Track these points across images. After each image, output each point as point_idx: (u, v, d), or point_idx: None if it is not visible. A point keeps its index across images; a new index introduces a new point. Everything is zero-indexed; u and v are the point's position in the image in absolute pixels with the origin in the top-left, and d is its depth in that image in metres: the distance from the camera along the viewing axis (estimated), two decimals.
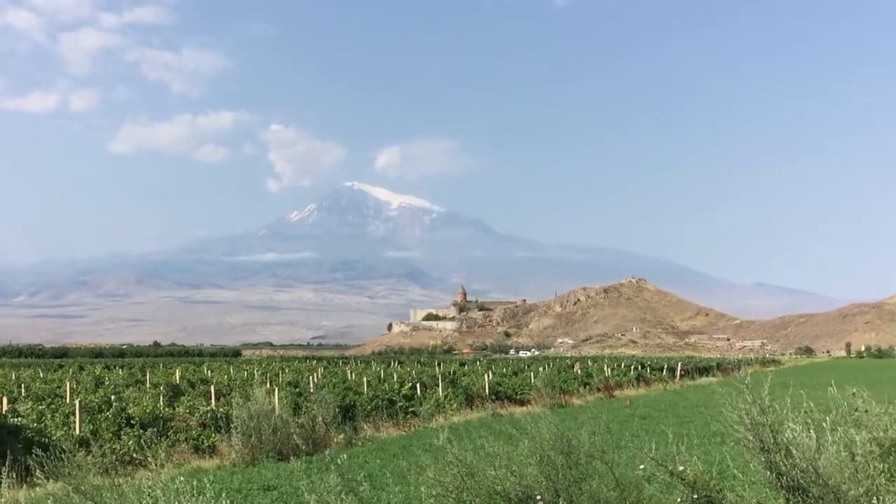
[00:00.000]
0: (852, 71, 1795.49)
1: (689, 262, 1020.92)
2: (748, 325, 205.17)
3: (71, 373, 40.17)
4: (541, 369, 36.54)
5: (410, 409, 19.42)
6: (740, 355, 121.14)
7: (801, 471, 5.70)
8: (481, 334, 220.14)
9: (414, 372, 34.83)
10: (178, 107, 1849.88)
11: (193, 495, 5.40)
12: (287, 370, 40.99)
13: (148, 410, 14.45)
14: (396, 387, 22.21)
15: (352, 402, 17.76)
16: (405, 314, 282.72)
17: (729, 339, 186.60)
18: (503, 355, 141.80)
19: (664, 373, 42.38)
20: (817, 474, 5.59)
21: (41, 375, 37.09)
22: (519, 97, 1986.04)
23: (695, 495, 6.08)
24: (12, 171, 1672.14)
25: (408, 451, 13.42)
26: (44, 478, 7.28)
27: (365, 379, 24.24)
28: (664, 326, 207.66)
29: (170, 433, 13.74)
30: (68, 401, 16.93)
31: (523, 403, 24.21)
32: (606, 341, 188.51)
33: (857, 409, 5.97)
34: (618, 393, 29.92)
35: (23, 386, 25.55)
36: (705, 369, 50.80)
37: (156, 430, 13.26)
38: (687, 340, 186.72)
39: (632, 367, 43.95)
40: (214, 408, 15.90)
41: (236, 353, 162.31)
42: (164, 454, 10.80)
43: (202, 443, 13.94)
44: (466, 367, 47.41)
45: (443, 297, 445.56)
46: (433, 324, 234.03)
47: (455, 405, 21.35)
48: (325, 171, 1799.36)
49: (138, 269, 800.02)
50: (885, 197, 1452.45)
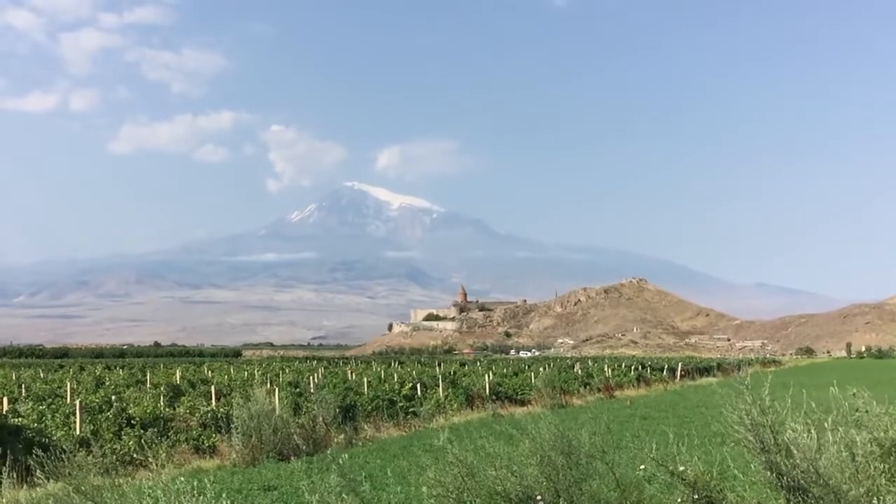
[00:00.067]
0: (852, 71, 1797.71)
1: (690, 263, 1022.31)
2: (748, 326, 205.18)
3: (71, 373, 40.19)
4: (541, 370, 36.55)
5: (411, 409, 19.42)
6: (741, 356, 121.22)
7: (801, 471, 5.70)
8: (482, 334, 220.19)
9: (414, 372, 34.84)
10: (178, 107, 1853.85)
11: (194, 495, 5.40)
12: (287, 370, 41.01)
13: (148, 411, 14.45)
14: (397, 387, 22.21)
15: (352, 403, 17.77)
16: (405, 314, 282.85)
17: (729, 340, 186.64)
18: (503, 355, 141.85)
19: (664, 373, 42.39)
20: (818, 474, 5.59)
21: (41, 376, 37.11)
22: (519, 97, 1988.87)
23: (695, 496, 6.08)
24: (12, 171, 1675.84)
25: (408, 451, 13.42)
26: (44, 478, 7.28)
27: (365, 379, 24.25)
28: (665, 327, 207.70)
29: (170, 433, 13.74)
30: (69, 401, 16.93)
31: (524, 404, 24.22)
32: (607, 341, 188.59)
33: (858, 410, 5.97)
34: (618, 393, 29.92)
35: (23, 386, 25.54)
36: (706, 370, 50.81)
37: (156, 430, 13.26)
38: (687, 341, 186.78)
39: (632, 367, 43.97)
40: (215, 408, 15.91)
41: (237, 353, 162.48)
42: (164, 454, 10.79)
43: (203, 443, 13.95)
44: (467, 367, 47.42)
45: (443, 297, 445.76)
46: (433, 324, 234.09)
47: (455, 405, 21.36)
48: (325, 172, 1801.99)
49: (138, 270, 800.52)
50: (885, 197, 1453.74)
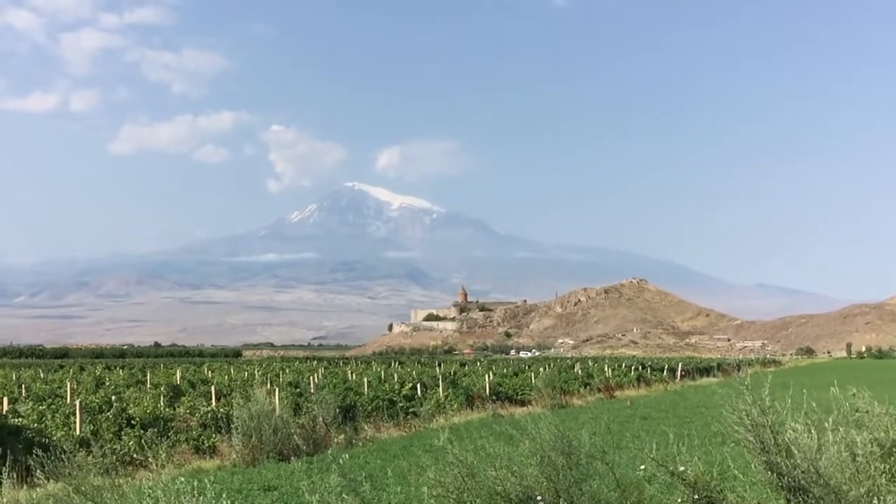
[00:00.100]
0: (852, 71, 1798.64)
1: (690, 263, 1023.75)
2: (749, 326, 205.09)
3: (71, 373, 40.18)
4: (541, 370, 36.55)
5: (411, 409, 19.41)
6: (741, 356, 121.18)
7: (802, 471, 5.69)
8: (482, 335, 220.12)
9: (414, 372, 34.83)
10: (178, 107, 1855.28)
11: (194, 496, 5.40)
12: (287, 371, 40.99)
13: (148, 411, 14.45)
14: (397, 387, 22.21)
15: (352, 403, 17.76)
16: (406, 315, 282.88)
17: (729, 340, 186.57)
18: (504, 356, 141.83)
19: (665, 373, 42.38)
20: (818, 475, 5.58)
21: (42, 376, 37.11)
22: (519, 97, 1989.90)
23: (696, 496, 6.08)
24: (13, 172, 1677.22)
25: (408, 451, 13.42)
26: (44, 478, 7.28)
27: (365, 379, 24.23)
28: (665, 327, 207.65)
29: (170, 433, 13.74)
30: (69, 401, 16.92)
31: (524, 404, 24.21)
32: (607, 342, 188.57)
33: (859, 410, 5.97)
34: (618, 393, 29.92)
35: (23, 386, 25.54)
36: (706, 370, 50.81)
37: (156, 430, 13.26)
38: (687, 341, 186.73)
39: (632, 367, 43.97)
40: (215, 408, 15.90)
41: (237, 353, 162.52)
42: (164, 455, 10.80)
43: (203, 443, 13.94)
44: (467, 367, 47.40)
45: (443, 297, 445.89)
46: (434, 324, 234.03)
47: (456, 406, 21.36)
48: (325, 172, 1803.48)
49: (139, 270, 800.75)
50: (885, 197, 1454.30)
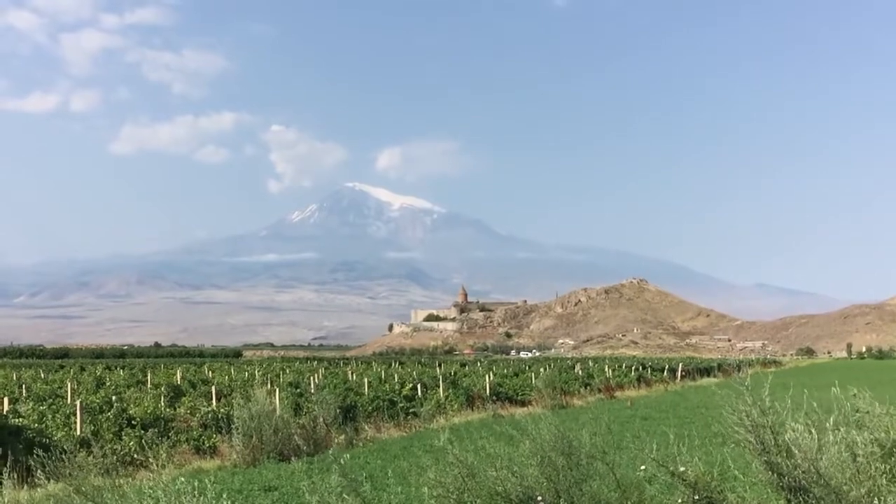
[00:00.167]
0: (852, 71, 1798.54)
1: (690, 263, 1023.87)
2: (749, 326, 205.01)
3: (72, 373, 40.17)
4: (542, 370, 36.55)
5: (411, 409, 19.41)
6: (741, 356, 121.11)
7: (802, 471, 5.69)
8: (482, 335, 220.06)
9: (415, 373, 34.83)
10: (179, 108, 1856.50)
11: (195, 496, 5.40)
12: (288, 371, 40.98)
13: (149, 411, 14.45)
14: (397, 387, 22.21)
15: (353, 403, 17.76)
16: (406, 315, 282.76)
17: (730, 340, 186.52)
18: (504, 356, 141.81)
19: (665, 374, 42.38)
20: (819, 475, 5.58)
21: (42, 376, 37.10)
22: (519, 97, 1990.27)
23: (696, 496, 6.07)
24: (13, 172, 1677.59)
25: (409, 451, 13.43)
26: (45, 478, 7.29)
27: (366, 379, 24.23)
28: (665, 327, 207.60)
29: (171, 434, 13.75)
30: (69, 401, 16.93)
31: (524, 404, 24.21)
32: (607, 342, 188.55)
33: (859, 410, 5.96)
34: (619, 394, 29.92)
35: (24, 386, 25.54)
36: (706, 370, 50.81)
37: (157, 430, 13.27)
38: (688, 341, 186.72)
39: (633, 367, 43.97)
40: (215, 408, 15.91)
41: (237, 353, 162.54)
42: (165, 455, 10.79)
43: (203, 443, 13.95)
44: (467, 367, 47.38)
45: (444, 297, 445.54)
46: (434, 324, 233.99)
47: (456, 406, 21.36)
48: (325, 172, 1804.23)
49: (139, 270, 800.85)
50: (886, 197, 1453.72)
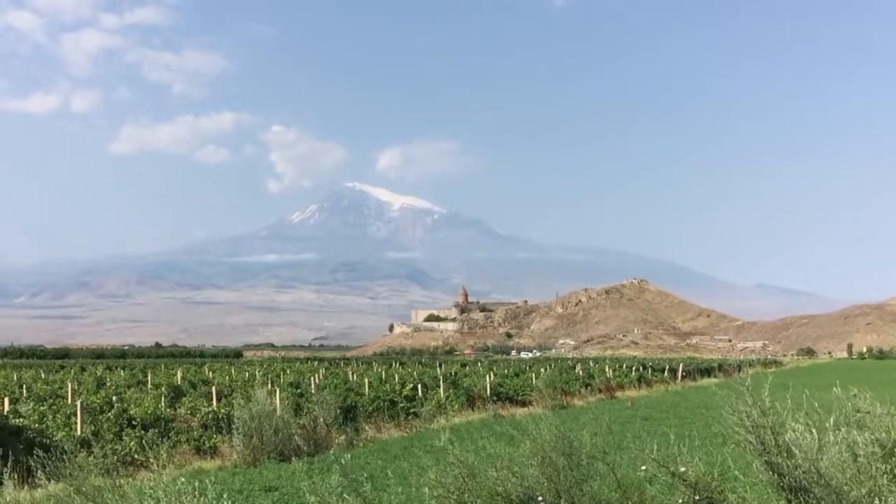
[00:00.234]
0: (852, 71, 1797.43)
1: (690, 263, 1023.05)
2: (750, 327, 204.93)
3: (72, 374, 40.18)
4: (542, 370, 36.54)
5: (412, 410, 19.41)
6: (742, 356, 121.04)
7: (803, 472, 5.69)
8: (483, 335, 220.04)
9: (415, 373, 34.83)
10: (179, 108, 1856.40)
11: (195, 496, 5.40)
12: (288, 371, 40.98)
13: (149, 411, 14.46)
14: (398, 388, 22.21)
15: (353, 403, 17.75)
16: (406, 315, 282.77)
17: (730, 341, 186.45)
18: (505, 356, 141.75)
19: (665, 374, 42.37)
20: (819, 475, 5.58)
21: (42, 376, 37.10)
22: (519, 97, 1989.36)
23: (696, 496, 6.07)
24: (14, 172, 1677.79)
25: (409, 452, 13.43)
26: (45, 479, 7.30)
27: (366, 380, 24.23)
28: (666, 327, 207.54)
29: (171, 434, 13.74)
30: (70, 402, 16.93)
31: (525, 404, 24.20)
32: (608, 342, 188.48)
33: (860, 411, 5.96)
34: (619, 394, 29.91)
35: (24, 387, 25.54)
36: (707, 370, 50.78)
37: (157, 430, 13.27)
38: (688, 342, 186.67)
39: (633, 368, 43.96)
40: (216, 409, 15.92)
41: (238, 354, 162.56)
42: (165, 455, 10.74)
43: (204, 444, 13.95)
44: (468, 368, 47.38)
45: (444, 298, 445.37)
46: (434, 325, 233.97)
47: (456, 406, 21.36)
48: (326, 172, 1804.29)
49: (139, 270, 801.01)
50: (886, 197, 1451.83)
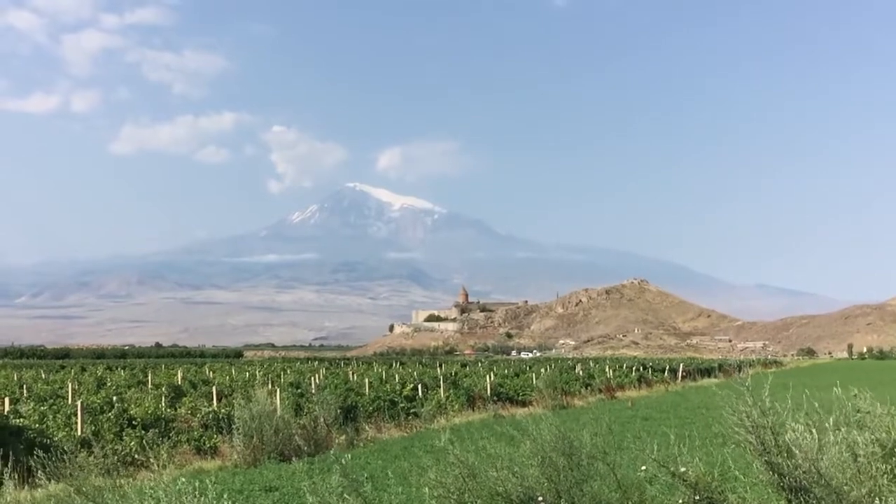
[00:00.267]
0: (852, 71, 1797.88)
1: (690, 263, 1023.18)
2: (750, 327, 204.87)
3: (73, 374, 40.19)
4: (542, 370, 36.53)
5: (412, 410, 19.41)
6: (742, 357, 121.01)
7: (803, 472, 5.69)
8: (483, 335, 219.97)
9: (415, 373, 34.83)
10: (179, 108, 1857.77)
11: (195, 496, 5.40)
12: (289, 371, 40.99)
13: (150, 411, 14.46)
14: (398, 388, 22.21)
15: (353, 403, 17.76)
16: (407, 315, 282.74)
17: (731, 341, 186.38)
18: (505, 356, 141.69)
19: (666, 374, 42.36)
20: (819, 475, 5.58)
21: (43, 376, 37.10)
22: (519, 97, 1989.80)
23: (696, 497, 6.07)
24: (14, 172, 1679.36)
25: (409, 452, 13.43)
26: (46, 479, 7.30)
27: (367, 380, 24.22)
28: (666, 328, 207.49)
29: (171, 434, 13.75)
30: (70, 402, 16.93)
31: (525, 405, 24.20)
32: (608, 342, 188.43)
33: (860, 411, 5.96)
34: (619, 394, 29.91)
35: (24, 387, 25.55)
36: (707, 371, 50.76)
37: (158, 430, 13.27)
38: (689, 342, 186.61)
39: (633, 368, 43.94)
40: (216, 409, 15.92)
41: (238, 354, 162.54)
42: (165, 455, 10.74)
43: (204, 444, 13.95)
44: (468, 368, 47.37)
45: (444, 298, 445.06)
46: (435, 325, 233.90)
47: (457, 406, 21.35)
48: (326, 172, 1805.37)
49: (140, 270, 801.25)
50: (886, 197, 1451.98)
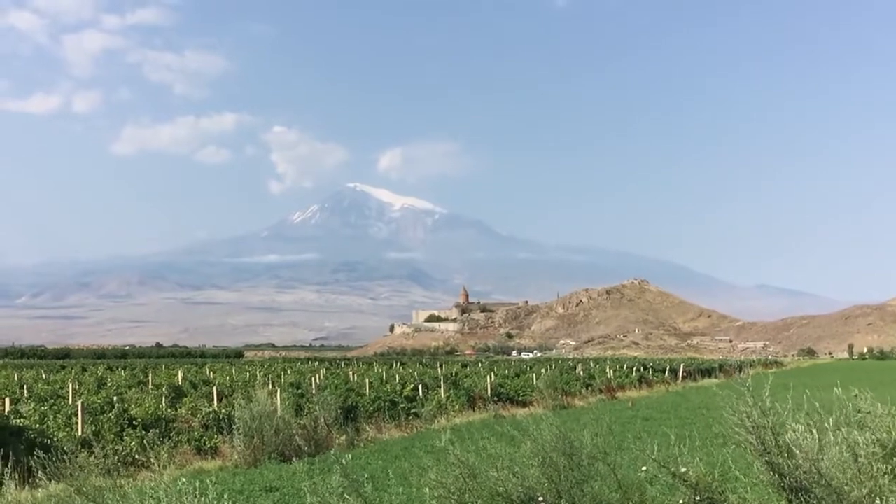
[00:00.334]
0: (852, 71, 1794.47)
1: (690, 264, 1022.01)
2: (750, 327, 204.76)
3: (73, 374, 40.20)
4: (543, 371, 36.53)
5: (412, 410, 19.41)
6: (742, 357, 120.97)
7: (803, 472, 5.69)
8: (483, 336, 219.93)
9: (416, 373, 34.83)
10: (180, 108, 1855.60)
11: (196, 496, 5.40)
12: (289, 371, 41.00)
13: (150, 411, 14.46)
14: (398, 388, 22.22)
15: (354, 404, 17.76)
16: (407, 315, 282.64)
17: (731, 341, 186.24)
18: (505, 357, 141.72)
19: (666, 374, 42.37)
20: (820, 475, 5.58)
21: (43, 376, 37.12)
22: (519, 97, 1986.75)
23: (697, 497, 6.07)
24: (15, 172, 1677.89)
25: (410, 452, 13.44)
26: (46, 479, 7.30)
27: (367, 380, 24.22)
28: (666, 328, 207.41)
29: (172, 434, 13.75)
30: (71, 402, 16.94)
31: (525, 405, 24.21)
32: (608, 343, 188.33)
33: (861, 411, 5.96)
34: (620, 394, 29.91)
35: (25, 387, 25.57)
36: (707, 371, 50.77)
37: (158, 431, 13.27)
38: (689, 342, 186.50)
39: (634, 368, 43.95)
40: (217, 409, 15.92)
41: (238, 354, 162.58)
42: (166, 455, 10.79)
43: (204, 444, 13.96)
44: (468, 368, 47.38)
45: (445, 298, 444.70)
46: (435, 325, 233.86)
47: (457, 406, 21.35)
48: (327, 173, 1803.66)
49: (140, 271, 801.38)
50: (886, 198, 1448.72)
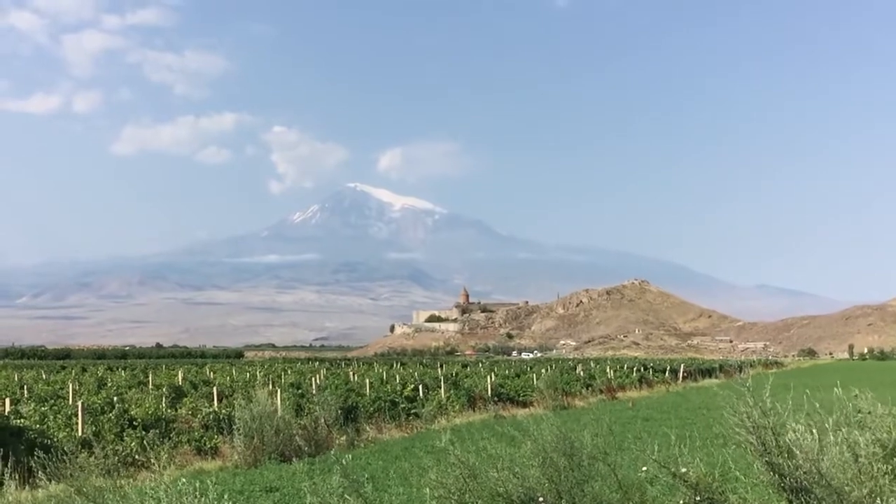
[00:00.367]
0: (852, 71, 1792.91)
1: (690, 264, 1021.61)
2: (751, 327, 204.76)
3: (73, 374, 40.20)
4: (543, 371, 36.53)
5: (413, 410, 19.41)
6: (743, 357, 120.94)
7: (804, 472, 5.68)
8: (484, 336, 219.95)
9: (416, 373, 34.82)
10: (180, 108, 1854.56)
11: (196, 497, 5.40)
12: (289, 372, 41.00)
13: (150, 412, 14.46)
14: (399, 388, 22.21)
15: (354, 404, 17.76)
16: (408, 316, 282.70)
17: (732, 341, 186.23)
18: (506, 357, 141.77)
19: (667, 375, 42.38)
20: (820, 475, 5.57)
21: (44, 377, 37.14)
22: (519, 97, 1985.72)
23: (697, 497, 6.06)
24: (15, 172, 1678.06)
25: (410, 452, 13.44)
26: (46, 479, 7.30)
27: (367, 380, 24.21)
28: (667, 328, 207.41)
29: (172, 434, 13.75)
30: (71, 402, 16.94)
31: (526, 405, 24.21)
32: (609, 343, 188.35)
33: (861, 411, 5.95)
34: (620, 395, 29.91)
35: (25, 387, 25.58)
36: (708, 371, 50.78)
37: (158, 431, 13.28)
38: (689, 342, 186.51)
39: (634, 368, 43.94)
40: (217, 409, 15.92)
41: (239, 354, 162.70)
42: (166, 456, 10.79)
43: (205, 444, 13.96)
44: (469, 368, 47.38)
45: (445, 298, 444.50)
46: (436, 325, 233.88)
47: (457, 407, 21.36)
48: (327, 173, 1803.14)
49: (140, 271, 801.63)
50: (886, 198, 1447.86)
